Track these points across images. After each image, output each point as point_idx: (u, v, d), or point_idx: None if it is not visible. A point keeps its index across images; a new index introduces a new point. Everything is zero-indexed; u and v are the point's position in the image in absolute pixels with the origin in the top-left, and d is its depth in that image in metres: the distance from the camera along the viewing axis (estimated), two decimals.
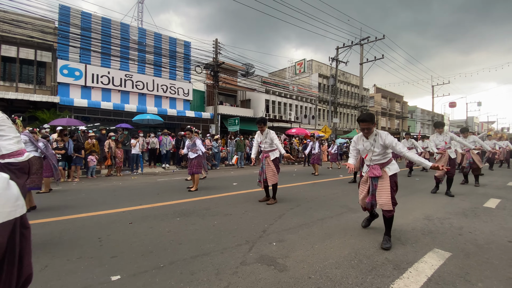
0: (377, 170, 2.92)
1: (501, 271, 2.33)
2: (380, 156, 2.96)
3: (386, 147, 2.89)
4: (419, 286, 2.07)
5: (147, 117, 12.30)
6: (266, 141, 4.93)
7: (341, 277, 2.19)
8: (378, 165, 2.97)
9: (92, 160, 8.62)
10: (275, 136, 4.95)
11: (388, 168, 2.95)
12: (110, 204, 4.72)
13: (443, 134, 6.00)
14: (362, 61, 21.78)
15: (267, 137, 4.91)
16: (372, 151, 2.96)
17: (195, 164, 6.17)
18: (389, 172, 2.92)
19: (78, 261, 2.43)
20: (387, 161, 2.97)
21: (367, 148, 3.00)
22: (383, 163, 2.97)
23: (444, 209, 4.60)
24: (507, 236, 3.27)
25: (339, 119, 28.48)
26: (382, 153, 2.95)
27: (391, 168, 2.94)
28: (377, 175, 2.91)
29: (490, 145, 12.10)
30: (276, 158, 4.89)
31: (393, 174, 2.92)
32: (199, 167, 6.22)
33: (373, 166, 2.98)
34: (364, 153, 3.08)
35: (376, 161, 2.98)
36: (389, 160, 2.98)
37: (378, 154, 2.95)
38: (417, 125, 47.50)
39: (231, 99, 23.33)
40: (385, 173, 2.92)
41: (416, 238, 3.13)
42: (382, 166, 2.96)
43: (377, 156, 2.97)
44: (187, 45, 17.26)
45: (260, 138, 5.02)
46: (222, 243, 2.88)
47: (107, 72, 14.31)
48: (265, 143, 4.95)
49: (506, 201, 5.36)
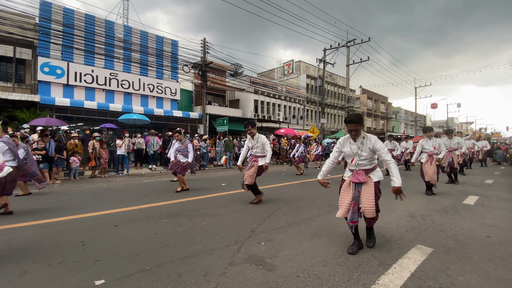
0: (361, 176, 2.71)
1: (480, 265, 2.44)
2: (366, 161, 2.76)
3: (374, 152, 2.73)
4: (403, 281, 2.12)
5: (133, 117, 12.04)
6: (258, 146, 4.79)
7: (328, 274, 2.22)
8: (363, 170, 2.76)
9: (75, 161, 8.33)
10: (267, 142, 4.83)
11: (373, 174, 2.76)
12: (94, 207, 4.58)
13: (432, 139, 6.09)
14: (348, 63, 22.21)
15: (259, 142, 4.78)
16: (359, 155, 2.74)
17: (182, 166, 6.02)
18: (374, 178, 2.73)
19: (60, 266, 2.34)
20: (372, 167, 2.78)
21: (354, 151, 2.76)
22: (369, 169, 2.77)
23: (426, 207, 4.76)
24: (485, 231, 3.42)
25: (326, 119, 28.90)
26: (369, 158, 2.76)
27: (375, 175, 2.76)
28: (361, 181, 2.69)
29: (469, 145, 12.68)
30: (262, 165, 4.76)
31: (378, 181, 2.75)
32: (184, 169, 6.04)
33: (357, 171, 2.76)
34: (350, 156, 2.83)
35: (362, 166, 2.77)
36: (374, 166, 2.80)
37: (365, 159, 2.74)
38: (401, 125, 48.97)
39: (219, 99, 23.20)
40: (370, 179, 2.72)
41: (400, 235, 3.22)
42: (367, 172, 2.75)
43: (363, 161, 2.75)
44: (175, 44, 17.02)
45: (251, 143, 4.85)
46: (210, 244, 2.86)
47: (91, 71, 13.88)
48: (256, 148, 4.81)
49: (484, 198, 5.61)
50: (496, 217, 4.11)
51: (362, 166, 2.77)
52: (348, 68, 22.37)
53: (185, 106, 19.44)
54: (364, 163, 2.76)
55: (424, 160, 6.11)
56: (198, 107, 19.22)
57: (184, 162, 6.03)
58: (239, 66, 20.43)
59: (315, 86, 28.22)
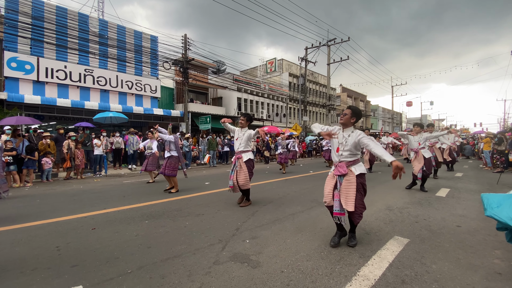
0: (343, 168, 2.82)
1: (451, 253, 2.60)
2: (348, 153, 2.84)
3: (357, 146, 2.82)
4: (381, 271, 2.22)
5: (110, 115, 11.51)
6: (241, 139, 4.55)
7: (311, 268, 2.27)
8: (344, 163, 2.85)
9: (47, 162, 7.88)
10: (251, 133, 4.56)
11: (355, 168, 2.82)
12: (69, 210, 4.36)
13: (419, 135, 6.23)
14: (329, 62, 22.69)
15: (245, 134, 4.56)
16: (344, 145, 2.86)
17: (168, 165, 5.80)
18: (355, 171, 2.80)
19: (33, 273, 2.21)
20: (353, 161, 2.85)
21: (340, 141, 2.89)
22: (350, 162, 2.85)
23: (403, 200, 4.99)
24: (456, 221, 3.65)
25: (308, 117, 29.38)
26: (352, 151, 2.84)
27: (357, 169, 2.82)
28: (343, 173, 2.81)
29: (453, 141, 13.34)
30: (249, 159, 4.51)
31: (360, 175, 2.79)
32: (174, 169, 5.83)
33: (339, 164, 2.87)
34: (336, 144, 2.93)
35: (344, 157, 2.86)
36: (356, 160, 2.87)
37: (347, 151, 2.83)
38: (379, 122, 50.86)
39: (202, 96, 22.84)
40: (351, 173, 2.80)
41: (379, 227, 3.36)
42: (348, 165, 2.84)
43: (346, 152, 2.84)
44: (154, 40, 16.49)
45: (238, 134, 4.63)
46: (194, 244, 2.82)
47: (64, 66, 13.12)
48: (240, 140, 4.56)
49: (454, 190, 5.98)
50: (465, 208, 4.40)
51: (344, 157, 2.85)
52: (329, 67, 22.86)
53: (166, 104, 18.94)
54: (346, 155, 2.85)
55: (412, 158, 6.26)
56: (179, 105, 18.81)
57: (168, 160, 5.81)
58: (222, 64, 20.21)
59: (298, 84, 28.58)
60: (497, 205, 1.81)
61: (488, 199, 1.88)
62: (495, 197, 1.86)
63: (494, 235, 3.08)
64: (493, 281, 2.07)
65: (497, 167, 10.01)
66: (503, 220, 1.72)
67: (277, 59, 30.47)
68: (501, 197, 1.83)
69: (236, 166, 4.51)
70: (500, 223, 1.80)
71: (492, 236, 3.07)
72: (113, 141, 10.68)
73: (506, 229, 1.79)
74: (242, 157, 4.51)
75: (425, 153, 6.09)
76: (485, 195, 1.97)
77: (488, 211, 1.84)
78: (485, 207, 1.89)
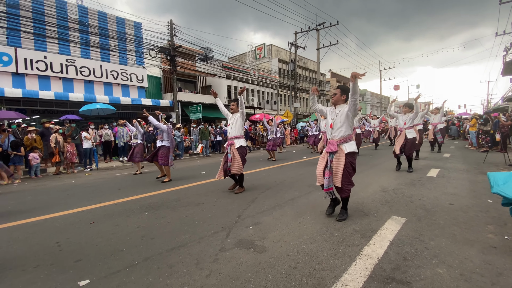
0: (333, 146, 3.02)
1: (447, 230, 2.71)
2: (340, 128, 3.03)
3: (348, 116, 2.99)
4: (383, 250, 2.30)
5: (97, 107, 11.13)
6: (234, 125, 4.53)
7: (316, 250, 2.32)
8: (336, 140, 3.04)
9: (35, 157, 7.61)
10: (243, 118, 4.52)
11: (345, 146, 3.01)
12: (64, 205, 4.26)
13: (407, 114, 6.39)
14: (318, 46, 22.49)
15: (237, 119, 4.53)
16: (335, 121, 3.07)
17: (160, 155, 5.82)
18: (345, 150, 2.99)
19: (36, 270, 2.17)
20: (345, 137, 3.02)
21: (332, 117, 3.13)
22: (341, 139, 3.02)
23: (396, 181, 5.14)
24: (448, 199, 3.80)
25: (299, 103, 29.37)
26: (342, 127, 3.02)
27: (347, 147, 3.00)
28: (333, 150, 3.00)
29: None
30: (241, 146, 4.52)
31: (349, 153, 2.98)
32: (165, 158, 5.83)
33: (330, 142, 3.07)
34: (329, 121, 3.15)
35: (335, 131, 3.05)
36: (347, 138, 3.03)
37: (339, 128, 3.03)
38: (367, 107, 51.49)
39: (190, 85, 22.32)
40: (341, 151, 2.99)
41: (376, 209, 3.46)
42: (339, 142, 3.02)
43: (337, 129, 3.05)
44: (138, 26, 15.79)
45: (230, 120, 4.64)
46: (198, 232, 2.83)
47: (44, 57, 12.44)
48: (232, 125, 4.55)
49: (444, 170, 6.20)
50: (456, 187, 4.58)
51: (336, 132, 3.06)
52: (318, 51, 22.68)
53: (153, 93, 18.42)
54: (337, 132, 3.05)
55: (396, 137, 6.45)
56: (168, 94, 18.34)
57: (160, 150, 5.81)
58: (210, 50, 19.68)
59: (288, 70, 28.32)
60: (503, 182, 1.89)
61: (495, 177, 1.96)
62: (502, 175, 1.94)
63: (486, 211, 3.23)
64: (489, 254, 2.18)
65: (483, 146, 10.40)
66: (509, 196, 1.80)
67: (266, 44, 29.94)
68: (507, 175, 1.90)
69: (229, 152, 4.50)
70: (505, 199, 1.89)
71: (483, 212, 3.22)
72: (102, 133, 10.40)
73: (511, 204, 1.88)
74: (234, 144, 4.51)
75: (409, 133, 6.20)
76: (491, 173, 2.04)
77: (494, 188, 1.92)
78: (492, 185, 1.96)
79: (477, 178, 5.22)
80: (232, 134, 4.57)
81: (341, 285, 1.80)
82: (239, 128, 4.57)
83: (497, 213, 3.16)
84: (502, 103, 19.91)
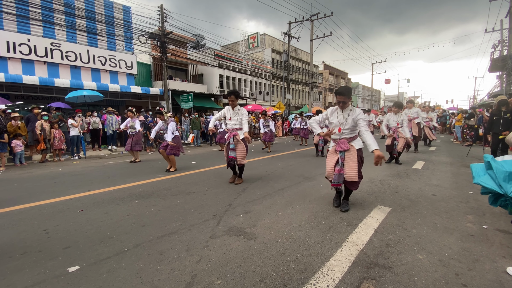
0: (344, 144, 3.03)
1: (429, 219, 2.84)
2: (349, 131, 3.06)
3: (356, 123, 2.99)
4: (368, 237, 2.39)
5: (84, 93, 10.79)
6: (237, 118, 4.43)
7: (304, 237, 2.40)
8: (345, 139, 3.06)
9: (18, 145, 7.38)
10: (246, 114, 4.46)
11: (354, 143, 3.08)
12: (51, 193, 4.19)
13: (398, 114, 6.42)
14: (312, 38, 22.34)
15: (239, 114, 4.42)
16: (344, 125, 3.04)
17: (171, 146, 5.73)
18: (356, 146, 3.06)
19: (23, 257, 2.15)
20: (353, 136, 3.10)
21: (341, 121, 3.05)
22: (350, 138, 3.08)
23: (383, 173, 5.28)
24: (431, 191, 3.95)
25: (291, 95, 29.35)
26: (352, 128, 3.05)
27: (356, 144, 3.08)
28: (344, 149, 3.02)
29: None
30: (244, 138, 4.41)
31: (359, 149, 3.06)
32: (175, 149, 5.79)
33: (340, 141, 3.06)
34: (337, 126, 3.09)
35: (345, 134, 3.07)
36: (355, 136, 3.12)
37: (348, 129, 3.04)
38: (358, 100, 52.00)
39: (181, 73, 21.88)
40: (352, 147, 3.05)
41: (363, 198, 3.57)
42: (349, 141, 3.07)
43: (347, 130, 3.05)
44: (127, 11, 15.21)
45: (230, 114, 4.46)
46: (189, 220, 2.85)
47: (27, 40, 11.87)
48: (234, 120, 4.43)
49: (429, 163, 6.40)
50: (439, 178, 4.75)
51: (345, 134, 3.09)
52: (312, 43, 22.54)
53: (143, 81, 17.99)
54: (347, 132, 3.08)
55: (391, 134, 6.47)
56: (158, 82, 17.95)
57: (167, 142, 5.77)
58: (201, 38, 19.26)
59: (281, 61, 28.12)
60: (483, 173, 1.99)
61: (477, 168, 2.06)
62: (482, 167, 2.05)
63: (466, 202, 3.39)
64: (467, 242, 2.31)
65: (467, 141, 10.75)
66: (488, 186, 1.91)
67: (259, 34, 29.49)
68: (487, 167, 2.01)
69: (233, 142, 4.42)
70: (484, 188, 2.00)
71: (463, 203, 3.37)
72: (90, 121, 10.15)
73: (490, 193, 2.00)
74: (238, 134, 4.43)
75: (404, 132, 6.33)
76: (474, 165, 2.15)
77: (476, 179, 2.03)
78: (473, 175, 2.07)
79: (460, 171, 5.42)
80: (236, 126, 4.45)
81: (327, 270, 1.88)
82: (242, 121, 4.45)
83: (477, 203, 3.32)
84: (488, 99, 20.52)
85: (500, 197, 1.93)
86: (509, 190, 1.80)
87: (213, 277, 1.81)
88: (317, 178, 4.81)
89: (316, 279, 1.78)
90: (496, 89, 22.49)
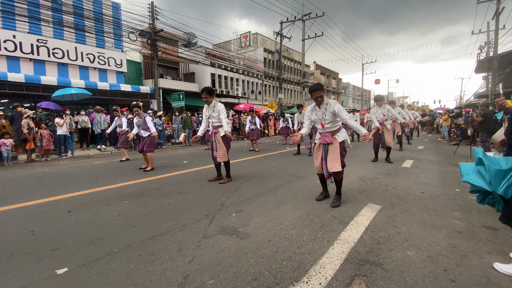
0: (328, 138, 3.19)
1: (417, 216, 2.90)
2: (331, 124, 3.22)
3: (335, 114, 3.15)
4: (359, 235, 2.43)
5: (72, 91, 10.52)
6: (214, 116, 4.44)
7: (296, 236, 2.41)
8: (329, 132, 3.23)
9: (5, 144, 7.14)
10: (223, 110, 4.44)
11: (338, 135, 3.23)
12: (38, 193, 4.07)
13: (382, 107, 6.57)
14: (304, 37, 22.46)
15: (215, 110, 4.43)
16: (324, 120, 3.19)
17: (147, 142, 5.80)
18: (338, 139, 3.21)
19: (10, 260, 2.08)
20: (337, 129, 3.26)
21: (320, 117, 3.22)
22: (334, 131, 3.24)
23: (373, 171, 5.37)
24: (420, 188, 4.04)
25: (284, 94, 29.45)
26: (332, 121, 3.20)
27: (340, 136, 3.23)
28: (328, 142, 3.19)
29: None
30: (225, 135, 4.46)
31: (342, 141, 3.24)
32: (151, 145, 5.83)
33: (325, 134, 3.24)
34: (318, 122, 3.26)
35: (328, 129, 3.24)
36: (339, 128, 3.28)
37: (329, 122, 3.20)
38: (349, 100, 52.68)
39: (172, 71, 21.63)
40: (336, 140, 3.21)
41: (354, 197, 3.62)
42: (332, 134, 3.23)
43: (328, 124, 3.21)
44: (116, 7, 14.92)
45: (208, 111, 4.51)
46: (181, 220, 2.83)
47: (12, 36, 11.50)
48: (213, 118, 4.47)
49: (418, 161, 6.55)
50: (427, 177, 4.87)
51: (328, 129, 3.24)
52: (303, 42, 22.66)
53: (133, 79, 17.69)
54: (329, 126, 3.24)
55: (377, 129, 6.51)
56: (148, 81, 17.69)
57: (146, 138, 5.82)
58: (193, 36, 19.05)
59: (273, 60, 28.16)
60: (472, 171, 2.05)
61: (465, 167, 2.11)
62: (471, 166, 2.10)
63: (453, 200, 3.48)
64: (454, 238, 2.38)
65: (454, 140, 11.05)
66: (477, 184, 1.96)
67: (251, 33, 29.44)
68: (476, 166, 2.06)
69: (214, 140, 4.52)
70: (473, 186, 2.06)
71: (451, 200, 3.46)
72: (78, 120, 9.91)
73: (479, 191, 2.05)
74: (218, 132, 4.49)
75: (388, 124, 6.49)
76: (462, 164, 2.20)
77: (464, 177, 2.08)
78: (462, 174, 2.12)
79: (447, 169, 5.57)
80: (215, 123, 4.51)
81: (319, 268, 1.90)
82: (223, 118, 4.46)
83: (464, 201, 3.42)
84: (474, 100, 21.14)
85: (488, 195, 1.98)
86: (498, 188, 1.85)
87: (206, 277, 1.80)
88: (309, 177, 4.85)
89: (308, 277, 1.79)
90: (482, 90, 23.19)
